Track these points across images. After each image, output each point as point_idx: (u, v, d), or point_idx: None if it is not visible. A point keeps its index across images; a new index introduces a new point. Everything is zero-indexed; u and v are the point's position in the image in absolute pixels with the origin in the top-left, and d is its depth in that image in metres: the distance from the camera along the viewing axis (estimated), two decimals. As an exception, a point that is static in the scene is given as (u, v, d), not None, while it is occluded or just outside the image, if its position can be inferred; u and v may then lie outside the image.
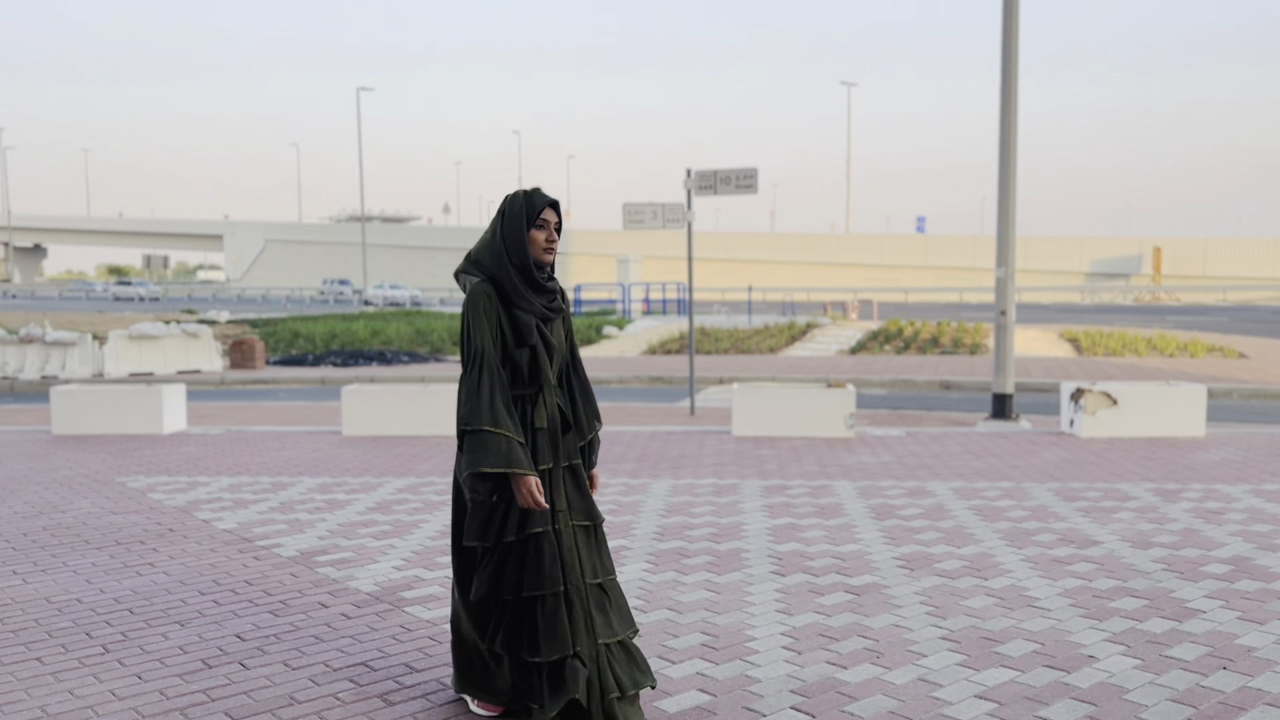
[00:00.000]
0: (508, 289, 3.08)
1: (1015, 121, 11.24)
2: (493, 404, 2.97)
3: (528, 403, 3.13)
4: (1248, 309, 40.68)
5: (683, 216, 12.76)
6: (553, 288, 3.18)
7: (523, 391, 3.13)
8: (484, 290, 3.07)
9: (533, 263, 3.12)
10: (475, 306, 3.06)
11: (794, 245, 62.83)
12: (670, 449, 8.72)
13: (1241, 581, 4.77)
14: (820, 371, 16.79)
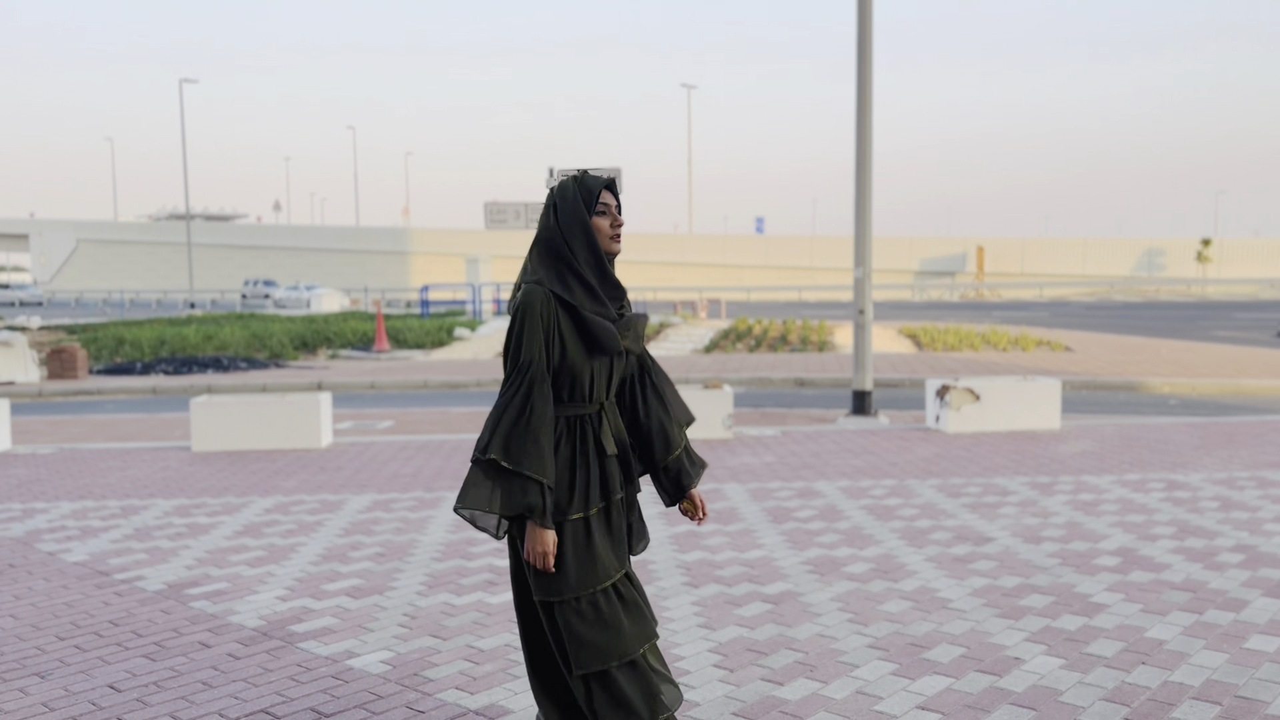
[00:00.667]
0: (579, 289, 2.54)
1: (870, 127, 11.51)
2: (523, 432, 2.44)
3: (590, 424, 2.60)
4: (1062, 304, 43.44)
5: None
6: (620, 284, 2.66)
7: (583, 410, 2.59)
8: (543, 293, 2.51)
9: (603, 254, 2.60)
10: (530, 309, 2.49)
11: (639, 245, 63.24)
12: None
13: (1134, 573, 4.93)
14: (679, 371, 16.83)
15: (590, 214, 2.58)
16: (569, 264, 2.55)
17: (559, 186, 2.63)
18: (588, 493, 2.56)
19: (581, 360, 2.55)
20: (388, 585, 4.91)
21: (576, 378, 2.56)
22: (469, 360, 20.11)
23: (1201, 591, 4.62)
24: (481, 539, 5.75)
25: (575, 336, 2.54)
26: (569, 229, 2.56)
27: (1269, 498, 6.49)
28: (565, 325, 2.53)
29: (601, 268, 2.58)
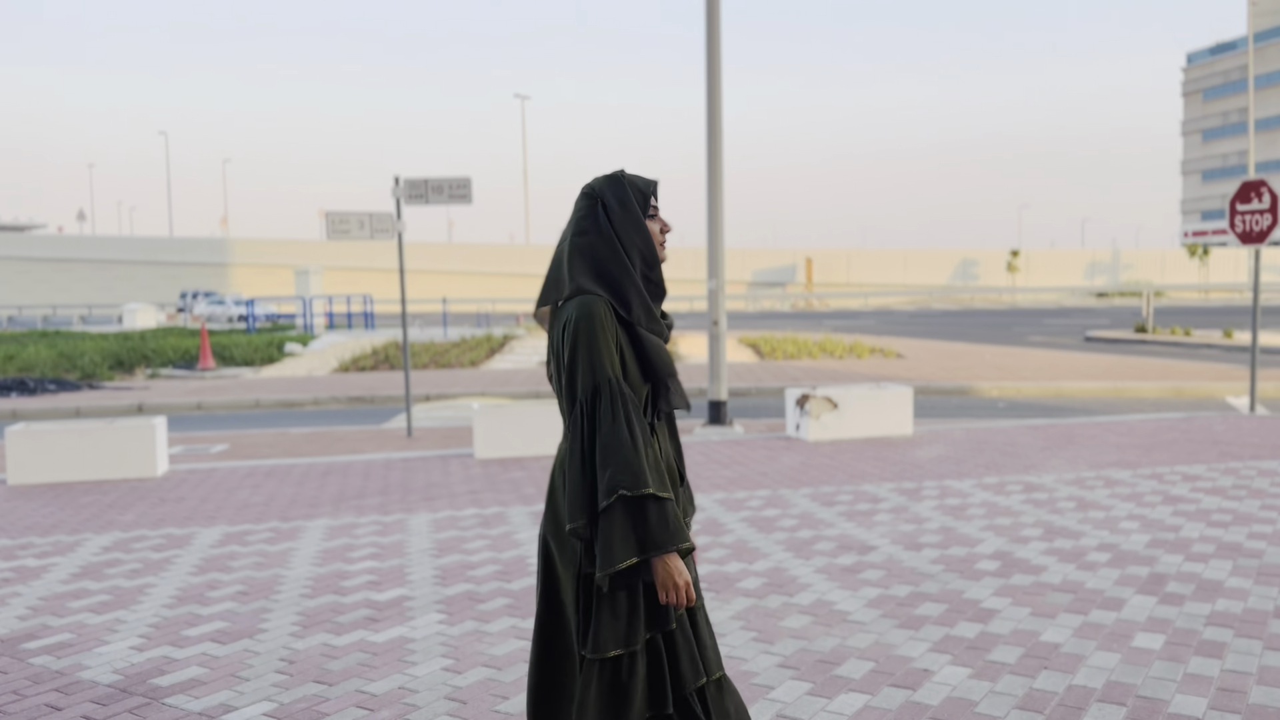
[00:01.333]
0: (636, 303, 2.24)
1: (721, 143, 11.63)
2: (641, 454, 2.13)
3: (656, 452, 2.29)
4: (887, 312, 45.40)
5: (392, 226, 12.12)
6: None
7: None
8: (605, 303, 2.21)
9: (659, 263, 2.32)
10: (596, 321, 2.17)
11: (477, 256, 62.38)
12: (413, 478, 8.12)
13: (1015, 576, 5.06)
14: (529, 385, 16.59)
15: (645, 216, 2.32)
16: (628, 273, 2.25)
17: (606, 185, 2.32)
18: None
19: (638, 382, 2.25)
20: (257, 628, 4.52)
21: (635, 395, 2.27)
22: (303, 377, 19.22)
23: (1080, 592, 4.78)
24: (355, 572, 5.39)
25: (632, 355, 2.25)
26: (625, 232, 2.27)
27: (1118, 496, 6.83)
28: (624, 342, 2.24)
29: (656, 277, 2.32)
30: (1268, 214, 11.20)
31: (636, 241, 2.28)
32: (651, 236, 2.32)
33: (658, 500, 2.12)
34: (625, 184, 2.32)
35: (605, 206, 2.30)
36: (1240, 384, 14.64)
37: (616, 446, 2.12)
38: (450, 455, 9.22)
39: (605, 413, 2.15)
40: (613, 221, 2.28)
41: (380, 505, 7.08)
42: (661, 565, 2.14)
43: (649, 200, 2.33)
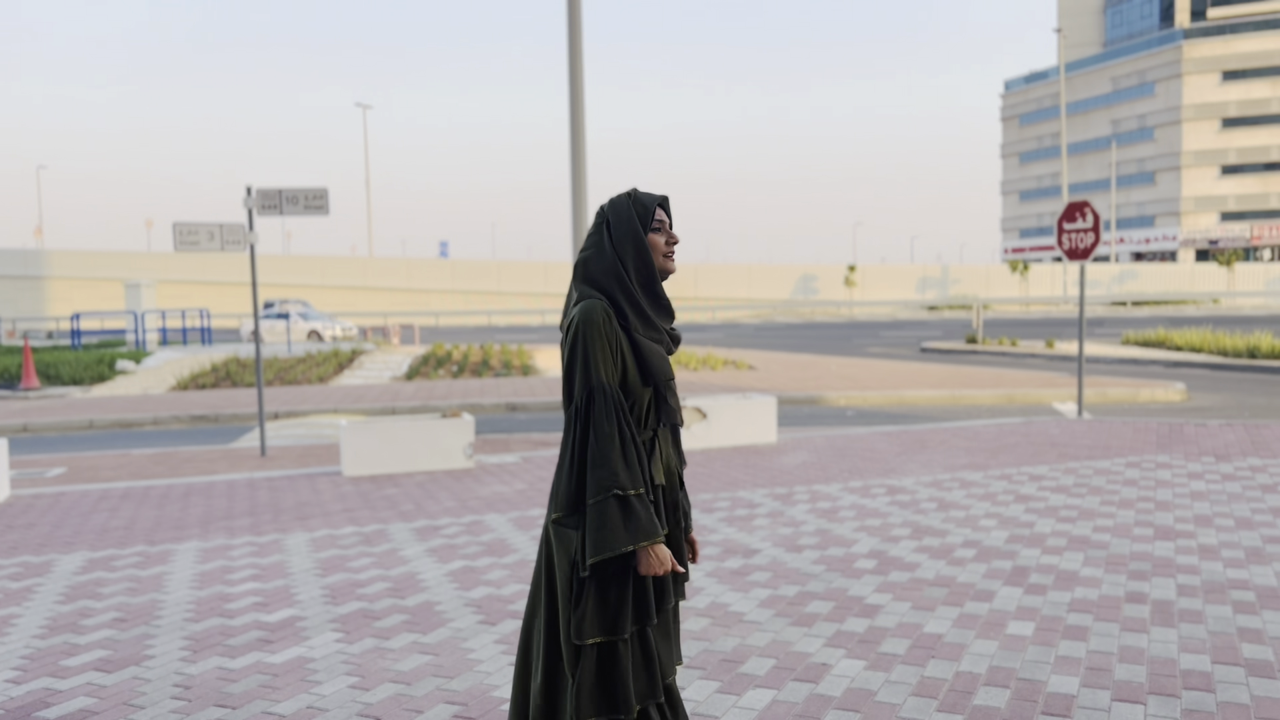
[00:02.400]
0: (631, 312, 2.39)
1: (584, 156, 11.77)
2: (628, 457, 2.30)
3: (644, 450, 2.42)
4: (734, 325, 46.55)
5: (244, 238, 11.72)
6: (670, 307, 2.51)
7: (640, 437, 2.43)
8: (604, 309, 2.35)
9: (656, 273, 2.46)
10: (593, 327, 2.32)
11: (318, 269, 60.50)
12: (282, 497, 7.89)
13: (892, 574, 5.35)
14: (384, 400, 16.28)
15: (646, 230, 2.47)
16: (621, 284, 2.40)
17: (611, 204, 2.49)
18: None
19: (637, 386, 2.39)
20: (143, 654, 4.33)
21: (635, 403, 2.41)
22: (139, 396, 18.27)
23: (953, 586, 5.10)
24: (238, 594, 5.22)
25: (632, 360, 2.39)
26: (622, 246, 2.43)
27: (974, 496, 7.28)
28: (624, 347, 2.38)
29: (654, 288, 2.45)
30: (1090, 232, 12.12)
31: (632, 255, 2.43)
32: (652, 249, 2.46)
33: (640, 498, 2.31)
34: (629, 201, 2.47)
35: (608, 223, 2.47)
36: (1064, 390, 15.72)
37: (607, 449, 2.28)
38: (317, 473, 8.99)
39: (598, 416, 2.30)
40: (612, 237, 2.44)
41: (252, 526, 6.86)
42: (651, 553, 2.32)
43: (651, 215, 2.47)
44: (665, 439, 2.51)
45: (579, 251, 2.50)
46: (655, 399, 2.45)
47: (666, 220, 2.51)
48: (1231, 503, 6.85)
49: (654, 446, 2.46)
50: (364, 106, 72.14)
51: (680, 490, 2.57)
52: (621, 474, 2.28)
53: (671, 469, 2.52)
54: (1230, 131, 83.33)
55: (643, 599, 2.37)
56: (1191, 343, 22.65)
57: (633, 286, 2.41)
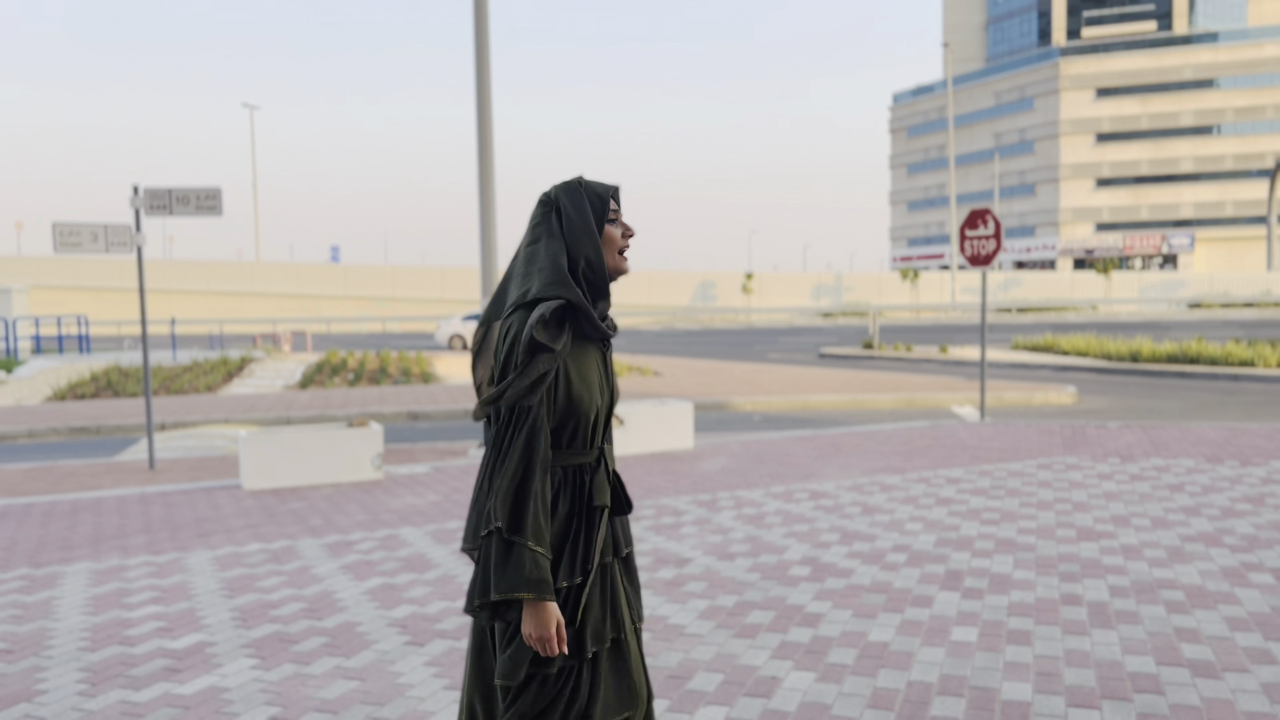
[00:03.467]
0: (580, 314, 2.11)
1: (492, 164, 11.51)
2: (538, 502, 2.01)
3: (587, 473, 2.16)
4: (636, 331, 46.56)
5: (130, 240, 11.12)
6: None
7: (582, 459, 2.15)
8: (553, 315, 2.08)
9: (609, 272, 2.19)
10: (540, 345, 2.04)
11: (202, 274, 58.26)
12: (178, 513, 7.41)
13: (828, 580, 5.26)
14: (277, 410, 15.66)
15: (602, 223, 2.19)
16: (564, 280, 2.10)
17: (564, 189, 2.20)
18: (587, 553, 2.12)
19: (587, 398, 2.12)
20: (34, 689, 3.94)
21: (580, 419, 2.12)
22: (12, 407, 17.20)
23: (890, 592, 5.03)
24: (138, 619, 4.83)
25: (579, 370, 2.11)
26: (576, 237, 2.15)
27: (896, 500, 7.28)
28: (568, 356, 2.10)
29: (606, 289, 2.19)
30: (992, 239, 12.38)
31: (585, 247, 2.16)
32: (608, 243, 2.21)
33: (528, 548, 2.00)
34: (582, 190, 2.20)
35: (558, 211, 2.19)
36: (961, 394, 16.07)
37: (510, 478, 2.01)
38: (214, 487, 8.51)
39: (515, 438, 2.04)
40: (564, 230, 2.17)
41: (148, 544, 6.41)
42: (529, 614, 2.02)
43: (607, 205, 2.20)
44: (610, 456, 2.23)
45: (525, 246, 2.20)
46: (607, 413, 2.21)
47: (619, 211, 2.26)
48: (1144, 502, 7.00)
49: (599, 467, 2.19)
50: (251, 107, 70.02)
51: (629, 510, 2.28)
52: (526, 519, 2.00)
53: (615, 488, 2.24)
54: (1104, 146, 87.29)
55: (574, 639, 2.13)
56: (1078, 348, 23.48)
57: (582, 284, 2.15)
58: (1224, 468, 8.27)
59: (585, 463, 2.17)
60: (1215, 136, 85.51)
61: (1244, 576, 5.18)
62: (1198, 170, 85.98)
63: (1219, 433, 10.29)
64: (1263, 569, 5.31)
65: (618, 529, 2.27)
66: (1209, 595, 4.87)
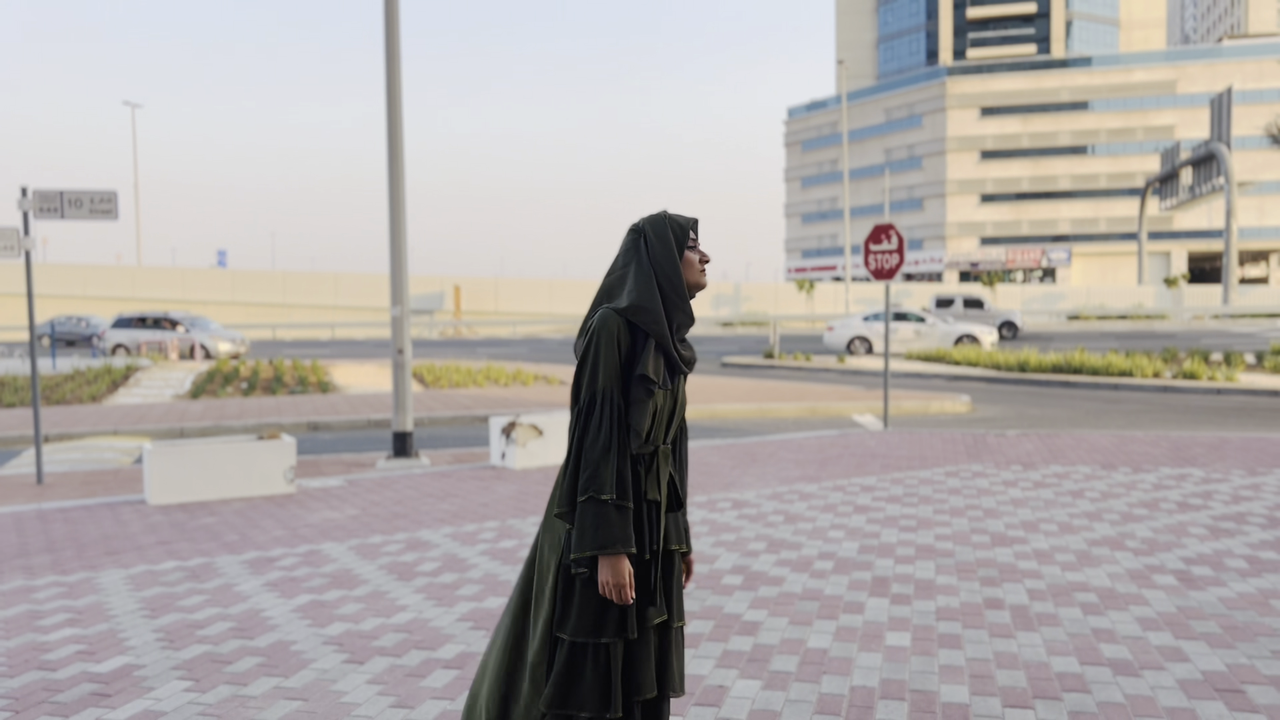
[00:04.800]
0: (653, 321, 2.46)
1: (402, 167, 11.37)
2: (620, 464, 2.39)
3: (641, 465, 2.47)
4: (537, 340, 46.34)
5: (18, 243, 10.65)
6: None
7: (641, 450, 2.47)
8: (617, 318, 2.45)
9: (688, 288, 2.55)
10: (607, 333, 2.42)
11: (79, 278, 55.77)
12: (82, 531, 7.10)
13: (761, 589, 5.36)
14: (169, 420, 15.13)
15: (682, 249, 2.57)
16: (651, 291, 2.50)
17: (649, 223, 2.58)
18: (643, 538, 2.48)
19: (641, 395, 2.45)
20: None
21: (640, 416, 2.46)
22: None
23: (822, 599, 5.15)
24: (55, 642, 4.62)
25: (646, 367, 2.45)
26: (660, 258, 2.53)
27: (815, 508, 7.44)
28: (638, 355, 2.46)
29: (683, 299, 2.52)
30: (895, 253, 12.77)
31: (666, 266, 2.52)
32: (687, 267, 2.57)
33: (618, 506, 2.37)
34: (666, 221, 2.57)
35: (647, 241, 2.57)
36: (861, 403, 16.48)
37: (594, 453, 2.38)
38: (117, 502, 8.18)
39: (595, 421, 2.40)
40: (650, 254, 2.55)
41: (54, 564, 6.13)
42: (607, 565, 2.36)
43: (687, 234, 2.58)
44: (666, 457, 2.54)
45: (609, 273, 2.59)
46: (670, 410, 2.55)
47: (698, 240, 2.62)
48: (1049, 508, 7.32)
49: (654, 463, 2.51)
50: (132, 105, 67.53)
51: (680, 509, 2.62)
52: (604, 479, 2.36)
53: (673, 486, 2.60)
54: (987, 163, 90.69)
55: (620, 610, 2.42)
56: (969, 358, 24.32)
57: (661, 297, 2.50)
58: (1118, 474, 8.70)
59: (642, 454, 2.49)
60: (1090, 156, 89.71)
61: (1149, 579, 5.47)
62: (1074, 188, 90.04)
63: (1110, 440, 10.82)
64: (1164, 571, 5.61)
65: (669, 525, 2.57)
66: (1119, 597, 5.13)
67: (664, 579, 2.56)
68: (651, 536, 2.50)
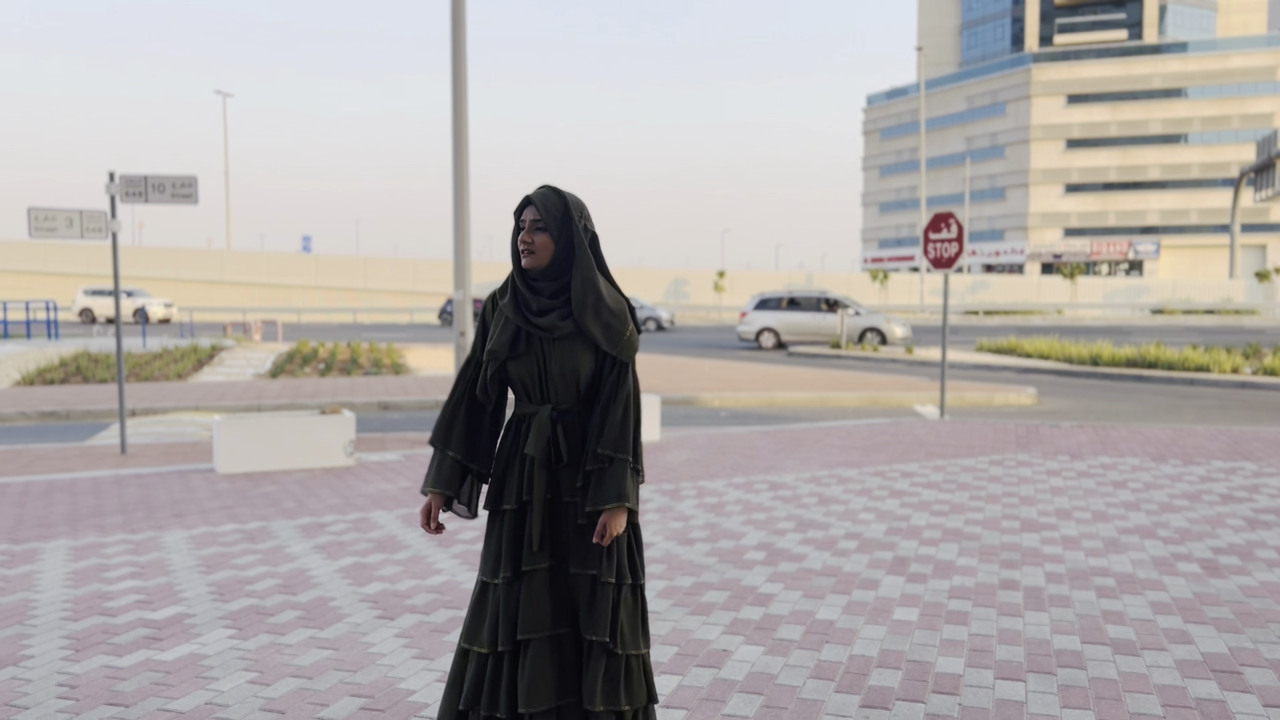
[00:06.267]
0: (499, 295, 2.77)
1: (466, 155, 11.69)
2: (451, 418, 2.75)
3: (524, 424, 2.72)
4: (606, 327, 46.66)
5: (106, 226, 11.21)
6: (545, 294, 2.67)
7: (525, 410, 2.72)
8: (491, 294, 2.78)
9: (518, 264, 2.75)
10: (480, 312, 2.86)
11: (172, 261, 57.83)
12: (153, 495, 7.57)
13: (781, 564, 5.52)
14: (248, 398, 15.74)
15: (516, 230, 2.74)
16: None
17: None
18: (510, 490, 2.69)
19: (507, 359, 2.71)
20: (19, 654, 4.12)
21: (510, 378, 2.74)
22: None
23: (840, 575, 5.30)
24: (118, 592, 5.01)
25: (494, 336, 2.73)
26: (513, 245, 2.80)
27: (852, 492, 7.56)
28: (496, 326, 2.74)
29: (519, 277, 2.73)
30: (954, 242, 12.72)
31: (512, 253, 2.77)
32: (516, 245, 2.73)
33: (442, 455, 2.76)
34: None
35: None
36: (924, 394, 16.42)
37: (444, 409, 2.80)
38: (188, 470, 8.66)
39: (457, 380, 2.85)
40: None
41: (125, 524, 6.57)
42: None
43: (518, 214, 2.72)
44: (544, 416, 2.66)
45: None
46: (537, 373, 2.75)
47: (529, 217, 2.68)
48: (1087, 497, 7.33)
49: (532, 421, 2.70)
50: (224, 94, 69.51)
51: (565, 465, 2.68)
52: (437, 430, 2.75)
53: (544, 443, 2.65)
54: (1073, 152, 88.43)
55: (496, 553, 2.69)
56: (1040, 350, 23.95)
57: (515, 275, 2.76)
58: (1167, 466, 8.62)
59: (524, 414, 2.75)
60: (1182, 145, 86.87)
61: (1172, 566, 5.49)
62: (1164, 178, 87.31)
63: (1167, 433, 10.68)
64: (1190, 559, 5.63)
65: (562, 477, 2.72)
66: (1138, 582, 5.18)
67: (552, 528, 2.67)
68: (521, 487, 2.65)
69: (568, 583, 2.67)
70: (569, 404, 2.68)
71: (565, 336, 2.63)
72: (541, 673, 2.59)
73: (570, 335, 2.64)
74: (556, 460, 2.68)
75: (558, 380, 2.66)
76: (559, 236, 2.64)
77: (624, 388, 2.66)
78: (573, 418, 2.68)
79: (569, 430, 2.67)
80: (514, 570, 2.64)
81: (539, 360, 2.66)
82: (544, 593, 2.63)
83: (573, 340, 2.64)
